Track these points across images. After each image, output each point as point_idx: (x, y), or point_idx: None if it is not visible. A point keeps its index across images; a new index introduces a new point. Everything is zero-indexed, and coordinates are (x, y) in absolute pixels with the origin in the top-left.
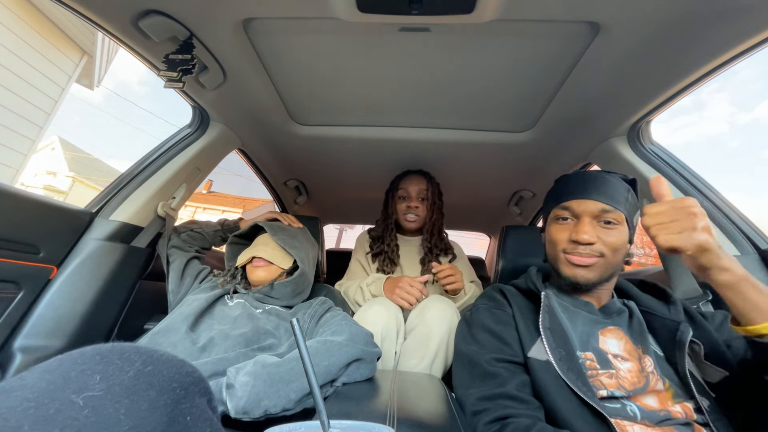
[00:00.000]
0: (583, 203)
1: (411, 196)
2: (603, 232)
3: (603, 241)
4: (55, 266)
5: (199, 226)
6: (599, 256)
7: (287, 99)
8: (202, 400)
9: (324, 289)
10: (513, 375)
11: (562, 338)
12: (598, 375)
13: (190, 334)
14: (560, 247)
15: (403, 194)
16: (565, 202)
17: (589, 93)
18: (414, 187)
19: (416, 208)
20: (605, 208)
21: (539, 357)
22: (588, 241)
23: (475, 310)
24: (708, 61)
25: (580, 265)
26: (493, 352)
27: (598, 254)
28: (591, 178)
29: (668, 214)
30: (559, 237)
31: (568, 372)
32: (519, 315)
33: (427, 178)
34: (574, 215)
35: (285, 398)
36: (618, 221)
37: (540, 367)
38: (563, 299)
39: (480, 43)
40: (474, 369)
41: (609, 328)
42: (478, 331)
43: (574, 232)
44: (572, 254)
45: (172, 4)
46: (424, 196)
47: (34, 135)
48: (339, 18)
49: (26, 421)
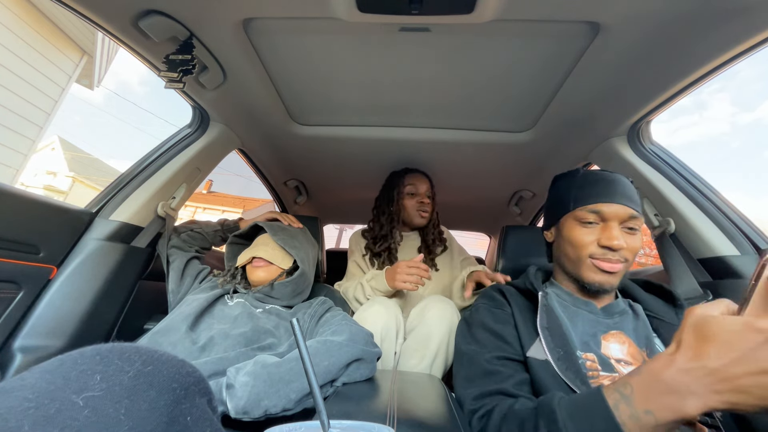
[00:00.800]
0: (613, 207)
1: (421, 193)
2: (628, 238)
3: (629, 247)
4: (55, 266)
5: (199, 226)
6: (624, 261)
7: (287, 99)
8: (203, 400)
9: (324, 289)
10: (512, 373)
11: (561, 338)
12: (599, 377)
13: (190, 333)
14: (587, 251)
15: (412, 191)
16: (592, 205)
17: (589, 93)
18: (422, 185)
19: (428, 204)
20: (633, 214)
21: (538, 356)
22: (620, 247)
23: (474, 309)
24: (708, 61)
25: (609, 271)
26: (493, 350)
27: (623, 260)
28: (615, 181)
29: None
30: (584, 240)
31: (567, 371)
32: (518, 314)
33: (427, 177)
34: (602, 218)
35: (285, 398)
36: (638, 228)
37: (539, 367)
38: (564, 298)
39: (480, 43)
40: (474, 368)
41: (612, 333)
42: (479, 330)
43: (604, 238)
44: (602, 260)
45: (172, 4)
46: (430, 193)
47: (34, 135)
48: (339, 18)
49: (26, 421)
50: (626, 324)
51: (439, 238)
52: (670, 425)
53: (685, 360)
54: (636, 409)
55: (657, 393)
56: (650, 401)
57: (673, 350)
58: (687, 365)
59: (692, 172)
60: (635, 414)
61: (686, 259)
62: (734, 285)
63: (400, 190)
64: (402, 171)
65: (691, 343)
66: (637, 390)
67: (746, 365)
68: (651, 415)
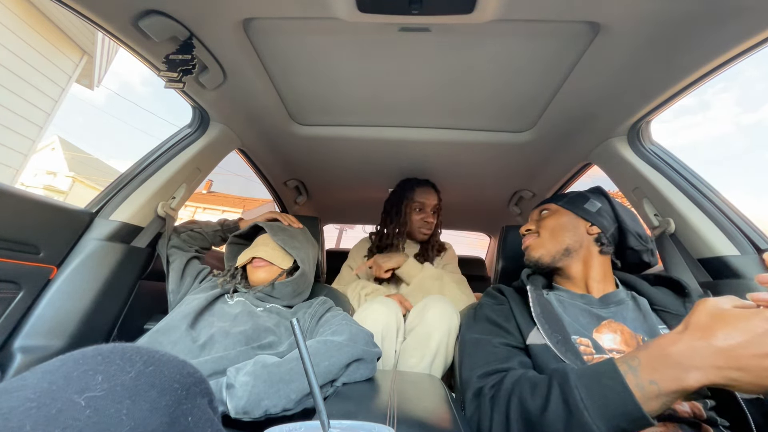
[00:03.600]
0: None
1: (427, 211)
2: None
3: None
4: (55, 266)
5: (199, 226)
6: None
7: (287, 99)
8: (204, 400)
9: (324, 289)
10: (516, 355)
11: (557, 324)
12: (593, 360)
13: (190, 331)
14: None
15: (419, 207)
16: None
17: (589, 93)
18: (430, 201)
19: (431, 222)
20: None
21: (537, 342)
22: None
23: (478, 307)
24: (708, 61)
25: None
26: (497, 337)
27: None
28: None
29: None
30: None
31: (567, 353)
32: (516, 309)
33: (436, 190)
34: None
35: (285, 398)
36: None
37: (540, 351)
38: (560, 293)
39: (480, 43)
40: (479, 353)
41: (604, 324)
42: (483, 322)
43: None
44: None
45: (172, 4)
46: (436, 209)
47: (34, 135)
48: (339, 18)
49: (28, 421)
50: (624, 313)
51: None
52: (671, 396)
53: (694, 338)
54: (641, 380)
55: (663, 365)
56: (656, 372)
57: (681, 329)
58: (695, 343)
59: (692, 171)
60: (640, 383)
61: (686, 259)
62: (734, 285)
63: (408, 204)
64: (413, 181)
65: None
66: (644, 362)
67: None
68: (655, 385)
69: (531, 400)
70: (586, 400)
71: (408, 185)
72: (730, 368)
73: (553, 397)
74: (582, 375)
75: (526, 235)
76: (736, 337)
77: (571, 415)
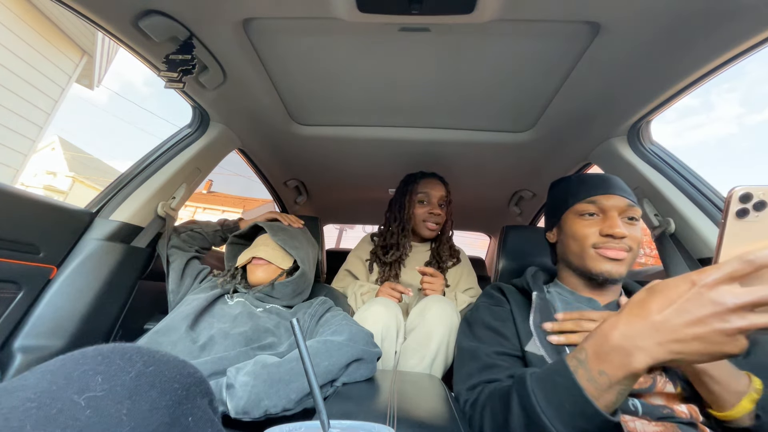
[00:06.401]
0: (611, 198)
1: (433, 202)
2: (628, 228)
3: (631, 236)
4: (55, 266)
5: (199, 226)
6: (628, 250)
7: (287, 99)
8: (204, 400)
9: (324, 289)
10: (509, 366)
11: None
12: None
13: (190, 332)
14: (589, 242)
15: (423, 198)
16: (591, 197)
17: (589, 93)
18: (436, 192)
19: (438, 215)
20: (630, 204)
21: (535, 352)
22: (622, 235)
23: (475, 308)
24: (708, 61)
25: (615, 258)
26: (493, 346)
27: (627, 249)
28: (609, 177)
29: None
30: (586, 231)
31: None
32: (516, 311)
33: (444, 183)
34: (601, 210)
35: (285, 398)
36: (638, 218)
37: (537, 361)
38: (566, 296)
39: (480, 43)
40: (473, 363)
41: None
42: (479, 328)
43: (606, 227)
44: (604, 248)
45: (172, 4)
46: (443, 202)
47: (34, 135)
48: (339, 18)
49: (28, 421)
50: None
51: (448, 252)
52: (623, 383)
53: (631, 318)
54: (592, 372)
55: (607, 353)
56: (603, 362)
57: (620, 310)
58: (633, 322)
59: (692, 171)
60: (591, 377)
61: (686, 259)
62: None
63: (411, 197)
64: (417, 174)
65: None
66: (591, 353)
67: (682, 316)
68: (605, 375)
69: (499, 413)
70: (542, 402)
71: (411, 178)
72: (669, 342)
73: (514, 405)
74: (538, 378)
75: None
76: (667, 307)
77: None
